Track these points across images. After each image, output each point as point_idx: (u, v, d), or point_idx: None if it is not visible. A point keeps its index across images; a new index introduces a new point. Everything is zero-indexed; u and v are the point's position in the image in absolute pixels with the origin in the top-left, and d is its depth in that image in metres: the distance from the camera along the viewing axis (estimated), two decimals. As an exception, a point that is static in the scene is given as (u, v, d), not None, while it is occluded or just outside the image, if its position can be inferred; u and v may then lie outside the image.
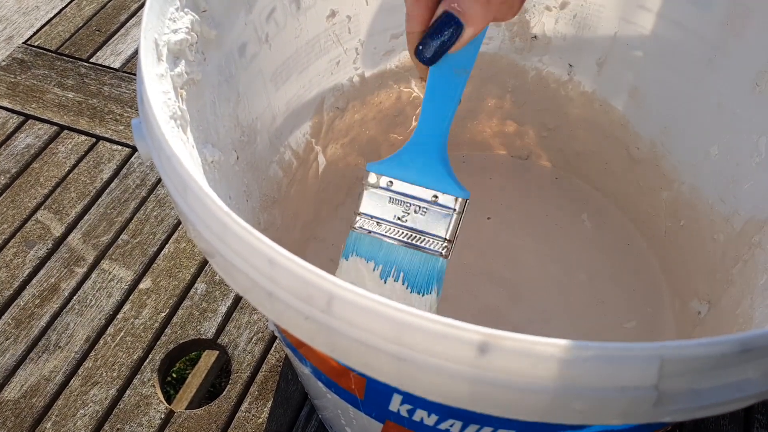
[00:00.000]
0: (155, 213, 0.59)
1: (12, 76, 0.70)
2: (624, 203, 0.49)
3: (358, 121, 0.48)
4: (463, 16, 0.27)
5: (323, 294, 0.21)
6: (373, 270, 0.32)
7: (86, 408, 0.48)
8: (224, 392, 0.49)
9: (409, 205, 0.31)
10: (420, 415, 0.28)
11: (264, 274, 0.22)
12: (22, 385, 0.49)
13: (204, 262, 0.55)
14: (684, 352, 0.20)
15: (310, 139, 0.45)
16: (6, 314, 0.53)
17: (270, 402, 0.48)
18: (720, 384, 0.20)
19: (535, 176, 0.52)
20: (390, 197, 0.31)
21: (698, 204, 0.42)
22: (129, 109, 0.67)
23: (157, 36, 0.29)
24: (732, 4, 0.37)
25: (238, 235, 0.22)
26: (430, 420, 0.28)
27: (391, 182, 0.31)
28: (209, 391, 0.53)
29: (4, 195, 0.61)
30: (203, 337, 0.51)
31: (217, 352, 0.53)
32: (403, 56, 0.46)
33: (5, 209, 0.60)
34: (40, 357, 0.51)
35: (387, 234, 0.32)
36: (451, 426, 0.28)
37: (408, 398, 0.28)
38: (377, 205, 0.32)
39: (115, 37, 0.75)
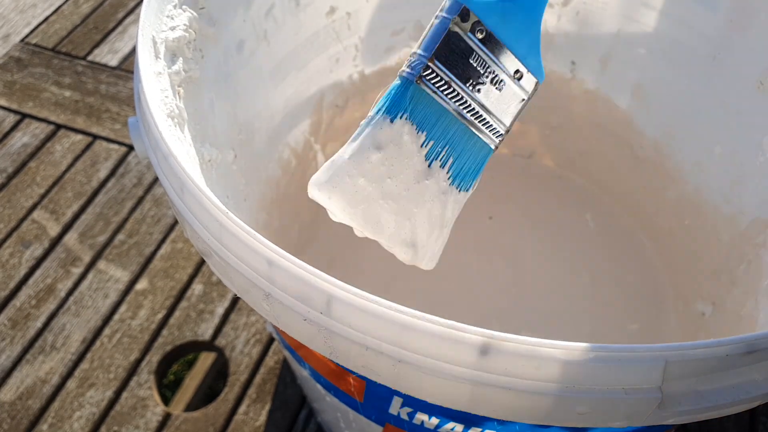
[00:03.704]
0: (152, 213, 0.59)
1: (8, 74, 0.70)
2: (628, 203, 0.48)
3: (358, 119, 0.48)
4: None
5: (322, 295, 0.21)
6: (422, 145, 0.24)
7: (82, 410, 0.48)
8: (222, 395, 0.48)
9: (491, 72, 0.24)
10: (420, 418, 0.28)
11: (262, 274, 0.22)
12: (18, 386, 0.49)
13: (201, 263, 0.55)
14: (688, 354, 0.19)
15: (309, 138, 0.45)
16: (2, 315, 0.53)
17: (268, 405, 0.48)
18: (724, 386, 0.20)
19: (538, 175, 0.52)
20: (476, 53, 0.23)
21: (702, 204, 0.42)
22: (126, 108, 0.67)
23: (155, 33, 0.29)
24: (737, 3, 0.37)
25: (235, 235, 0.22)
26: (431, 423, 0.28)
27: (488, 34, 0.23)
28: (207, 394, 0.53)
29: (0, 194, 0.60)
30: (200, 338, 0.51)
31: (215, 353, 0.52)
32: (404, 53, 0.46)
33: (1, 209, 0.59)
34: (36, 358, 0.50)
35: (455, 102, 0.24)
36: (452, 429, 0.28)
37: (408, 401, 0.27)
38: (458, 56, 0.23)
39: (113, 34, 0.74)
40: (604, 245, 0.48)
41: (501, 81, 0.24)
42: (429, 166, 0.24)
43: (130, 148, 0.63)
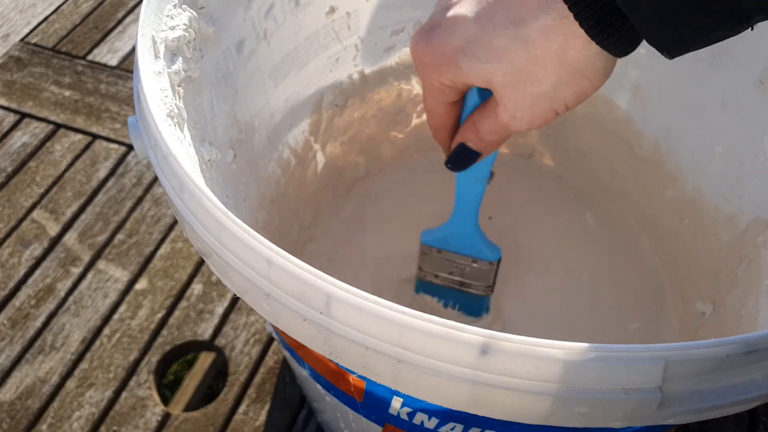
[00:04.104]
0: (151, 212, 0.59)
1: (8, 74, 0.70)
2: (628, 203, 0.48)
3: (358, 119, 0.48)
4: (474, 147, 0.32)
5: (322, 295, 0.20)
6: (437, 302, 0.43)
7: (82, 410, 0.48)
8: (221, 394, 0.48)
9: (456, 264, 0.41)
10: (420, 418, 0.28)
11: (261, 274, 0.22)
12: (18, 386, 0.49)
13: (201, 263, 0.55)
14: (688, 354, 0.19)
15: (308, 137, 0.45)
16: (1, 315, 0.53)
17: (268, 405, 0.48)
18: (724, 385, 0.20)
19: (538, 175, 0.52)
20: (441, 258, 0.41)
21: (702, 204, 0.42)
22: (126, 107, 0.67)
23: (155, 33, 0.29)
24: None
25: (235, 234, 0.22)
26: (431, 423, 0.28)
27: (440, 250, 0.41)
28: (206, 394, 0.53)
29: (-1, 194, 0.60)
30: (200, 338, 0.51)
31: (214, 353, 0.52)
32: (404, 53, 0.46)
33: (1, 208, 0.59)
34: (35, 358, 0.50)
35: (443, 283, 0.42)
36: (452, 429, 0.28)
37: (408, 401, 0.27)
38: (433, 264, 0.41)
39: (112, 34, 0.74)
40: (604, 245, 0.48)
41: (466, 266, 0.40)
42: (444, 308, 0.43)
43: (130, 147, 0.63)
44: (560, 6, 0.23)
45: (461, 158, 0.33)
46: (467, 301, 0.42)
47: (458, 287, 0.42)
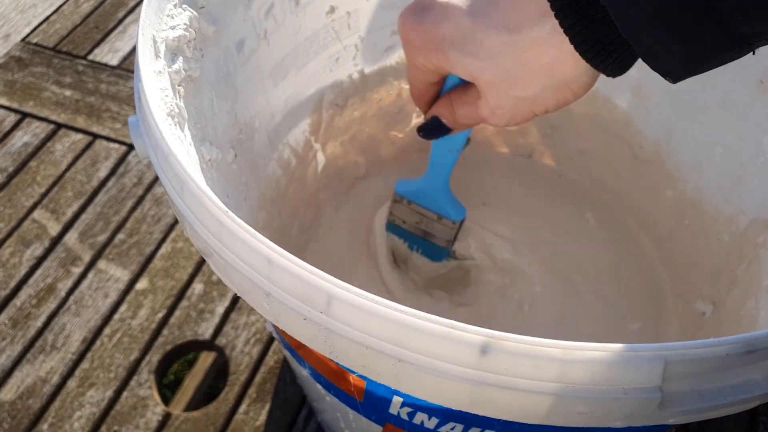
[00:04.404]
0: (152, 212, 0.59)
1: (9, 73, 0.70)
2: (628, 203, 0.48)
3: (358, 119, 0.48)
4: (447, 123, 0.33)
5: (322, 294, 0.20)
6: (403, 243, 0.46)
7: (83, 409, 0.48)
8: (222, 394, 0.48)
9: (423, 217, 0.44)
10: (420, 418, 0.28)
11: (262, 274, 0.22)
12: (19, 386, 0.49)
13: (201, 262, 0.55)
14: (688, 354, 0.19)
15: (309, 137, 0.45)
16: (2, 314, 0.53)
17: (268, 404, 0.48)
18: (724, 385, 0.20)
19: (538, 175, 0.52)
20: (411, 210, 0.44)
21: (703, 204, 0.42)
22: (126, 107, 0.67)
23: (155, 33, 0.29)
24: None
25: (235, 234, 0.22)
26: (431, 423, 0.28)
27: (410, 202, 0.44)
28: (207, 393, 0.53)
29: (0, 194, 0.60)
30: (200, 338, 0.51)
31: (215, 353, 0.52)
32: (403, 53, 0.46)
33: (2, 208, 0.59)
34: (36, 358, 0.50)
35: (411, 230, 0.45)
36: (452, 429, 0.28)
37: (408, 401, 0.27)
38: (403, 212, 0.45)
39: (113, 34, 0.74)
40: (604, 244, 0.48)
41: (432, 220, 0.44)
42: (410, 251, 0.47)
43: (131, 147, 0.63)
44: (556, 21, 0.23)
45: (433, 130, 0.34)
46: (430, 248, 0.45)
47: (422, 236, 0.45)
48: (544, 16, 0.23)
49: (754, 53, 0.21)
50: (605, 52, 0.23)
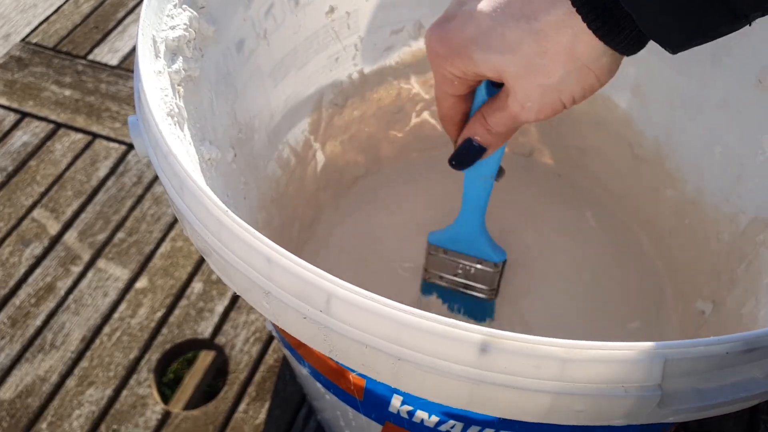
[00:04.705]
0: (151, 211, 0.59)
1: (9, 73, 0.70)
2: (628, 202, 0.48)
3: (358, 118, 0.48)
4: (482, 141, 0.32)
5: (322, 293, 0.20)
6: (442, 305, 0.44)
7: (82, 408, 0.48)
8: (221, 393, 0.48)
9: (461, 265, 0.41)
10: (420, 416, 0.28)
11: (262, 273, 0.22)
12: (18, 385, 0.49)
13: (201, 261, 0.55)
14: (688, 352, 0.19)
15: (308, 137, 0.45)
16: (1, 313, 0.53)
17: (268, 403, 0.48)
18: (724, 384, 0.20)
19: (538, 174, 0.52)
20: (447, 259, 0.42)
21: (703, 203, 0.42)
22: (126, 107, 0.67)
23: (155, 33, 0.29)
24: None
25: (235, 233, 0.22)
26: (431, 421, 0.28)
27: (447, 251, 0.41)
28: (206, 392, 0.53)
29: (0, 193, 0.60)
30: (200, 337, 0.51)
31: (214, 352, 0.52)
32: (403, 52, 0.46)
33: (1, 207, 0.59)
34: (35, 357, 0.50)
35: (449, 285, 0.42)
36: (452, 427, 0.28)
37: (408, 399, 0.27)
38: (439, 264, 0.42)
39: (113, 34, 0.74)
40: (603, 243, 0.48)
41: (471, 267, 0.41)
42: (450, 312, 0.43)
43: (130, 146, 0.63)
44: (569, 2, 0.24)
45: (466, 154, 0.33)
46: (472, 305, 0.43)
47: (463, 290, 0.42)
48: (559, 0, 0.24)
49: (750, 25, 0.22)
50: (617, 27, 0.23)
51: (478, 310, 0.43)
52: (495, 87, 0.31)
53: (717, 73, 0.39)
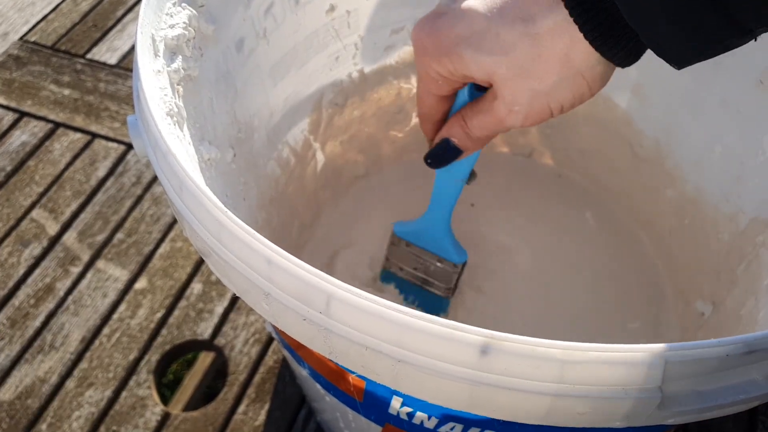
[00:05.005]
0: (151, 211, 0.59)
1: (7, 72, 0.70)
2: (628, 202, 0.48)
3: (358, 118, 0.48)
4: (459, 143, 0.32)
5: (322, 295, 0.20)
6: (399, 295, 0.44)
7: (81, 409, 0.48)
8: (221, 394, 0.48)
9: (421, 260, 0.42)
10: (420, 418, 0.28)
11: (261, 274, 0.22)
12: (17, 386, 0.49)
13: (200, 262, 0.55)
14: (688, 354, 0.19)
15: (308, 136, 0.45)
16: (0, 314, 0.52)
17: (267, 404, 0.48)
18: (724, 386, 0.20)
19: (538, 174, 0.52)
20: (409, 252, 0.42)
21: (702, 203, 0.42)
22: (125, 106, 0.67)
23: (154, 31, 0.28)
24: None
25: (234, 234, 0.22)
26: (431, 423, 0.28)
27: (409, 244, 0.42)
28: (206, 393, 0.52)
29: (-1, 193, 0.60)
30: (199, 338, 0.51)
31: (214, 353, 0.52)
32: (404, 52, 0.46)
33: (0, 208, 0.59)
34: (35, 358, 0.50)
35: (407, 277, 0.43)
36: (451, 429, 0.28)
37: (408, 401, 0.27)
38: (400, 256, 0.42)
39: (112, 32, 0.74)
40: (603, 244, 0.48)
41: (431, 264, 0.41)
42: (405, 303, 0.43)
43: (129, 146, 0.63)
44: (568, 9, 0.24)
45: (442, 154, 0.33)
46: (427, 299, 0.43)
47: (420, 284, 0.42)
48: (557, 4, 0.24)
49: (756, 40, 0.21)
50: (614, 39, 0.23)
51: (434, 306, 0.43)
52: (478, 90, 0.31)
53: (717, 73, 0.39)
